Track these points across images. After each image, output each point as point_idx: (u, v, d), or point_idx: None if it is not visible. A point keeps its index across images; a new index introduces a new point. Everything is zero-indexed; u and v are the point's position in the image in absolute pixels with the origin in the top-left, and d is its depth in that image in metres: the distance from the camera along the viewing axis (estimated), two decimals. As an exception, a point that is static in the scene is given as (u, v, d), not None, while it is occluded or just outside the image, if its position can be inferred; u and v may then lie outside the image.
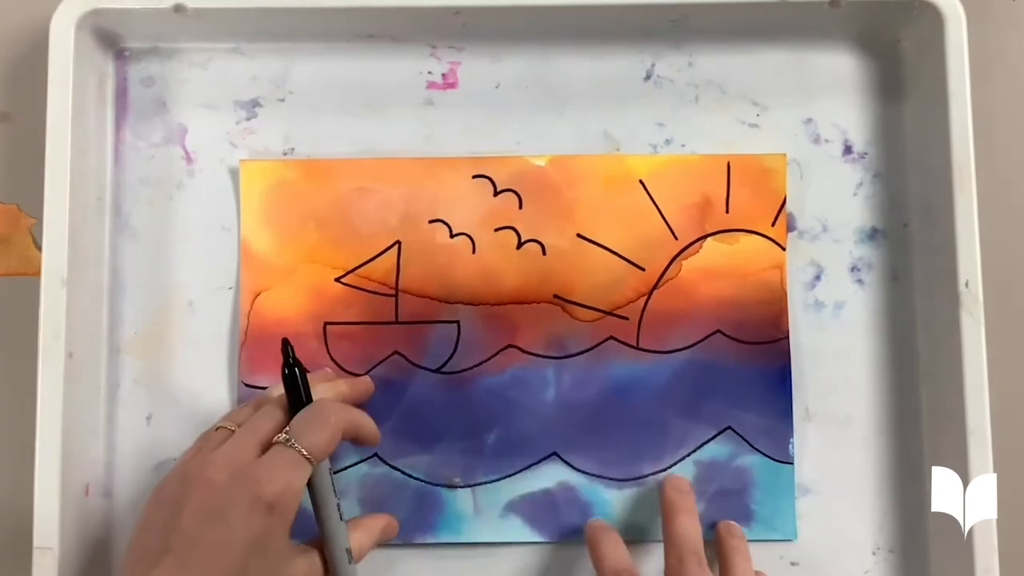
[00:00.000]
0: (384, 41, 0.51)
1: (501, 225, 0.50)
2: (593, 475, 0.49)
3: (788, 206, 0.50)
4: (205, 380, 0.49)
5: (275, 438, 0.42)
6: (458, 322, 0.49)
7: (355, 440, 0.46)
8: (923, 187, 0.50)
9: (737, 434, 0.49)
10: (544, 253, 0.50)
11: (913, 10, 0.49)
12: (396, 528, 0.48)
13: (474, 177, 0.50)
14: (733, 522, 0.49)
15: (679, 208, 0.50)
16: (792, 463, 0.49)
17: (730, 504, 0.49)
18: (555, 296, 0.50)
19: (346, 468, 0.49)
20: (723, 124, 0.51)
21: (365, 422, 0.46)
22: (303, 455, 0.41)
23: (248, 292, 0.49)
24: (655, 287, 0.50)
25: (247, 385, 0.49)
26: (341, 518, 0.44)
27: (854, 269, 0.51)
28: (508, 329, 0.50)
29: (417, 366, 0.49)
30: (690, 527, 0.46)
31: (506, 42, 0.51)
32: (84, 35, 0.48)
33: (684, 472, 0.49)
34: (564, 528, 0.49)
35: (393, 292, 0.50)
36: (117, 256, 0.50)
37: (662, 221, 0.50)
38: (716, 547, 0.48)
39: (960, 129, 0.47)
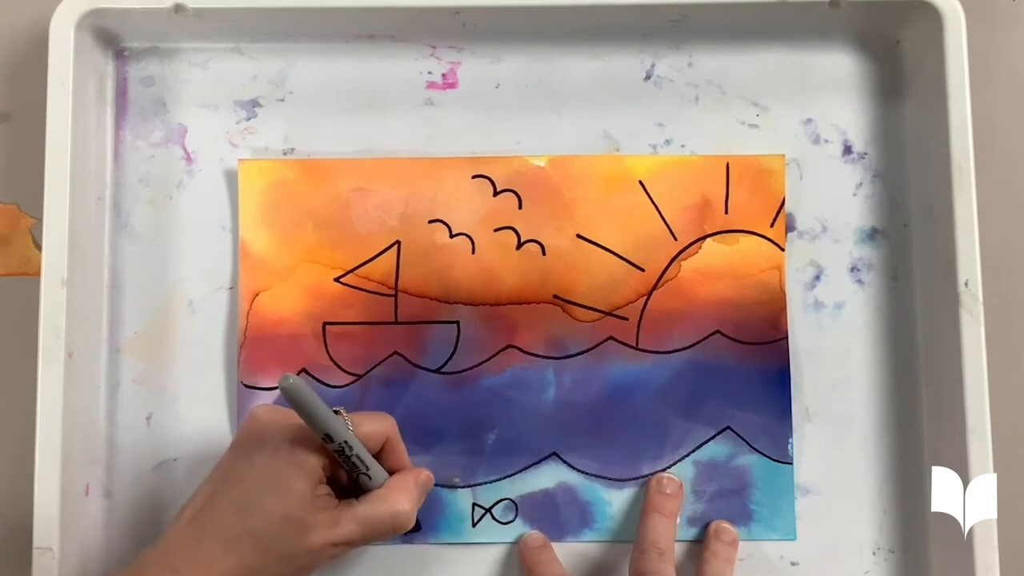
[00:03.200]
0: (384, 41, 0.51)
1: (501, 225, 0.50)
2: (593, 475, 0.49)
3: (788, 206, 0.50)
4: (205, 380, 0.49)
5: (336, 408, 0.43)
6: (458, 322, 0.49)
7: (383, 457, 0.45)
8: (923, 187, 0.50)
9: (736, 434, 0.49)
10: (544, 253, 0.50)
11: (913, 10, 0.49)
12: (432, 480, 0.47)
13: (474, 177, 0.50)
14: (726, 525, 0.49)
15: (678, 209, 0.50)
16: (791, 463, 0.49)
17: (729, 504, 0.49)
18: (555, 296, 0.50)
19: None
20: (723, 124, 0.51)
21: (402, 450, 0.46)
22: (347, 426, 0.42)
23: (247, 292, 0.49)
24: (655, 287, 0.50)
25: (246, 386, 0.49)
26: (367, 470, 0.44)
27: (854, 269, 0.51)
28: (508, 329, 0.50)
29: (417, 366, 0.49)
30: (660, 524, 0.47)
31: (506, 42, 0.51)
32: (84, 35, 0.48)
33: (683, 472, 0.49)
34: (564, 528, 0.49)
35: (392, 292, 0.50)
36: (117, 256, 0.50)
37: (661, 222, 0.50)
38: (702, 547, 0.48)
39: (960, 129, 0.47)
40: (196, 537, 0.41)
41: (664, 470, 0.49)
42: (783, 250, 0.50)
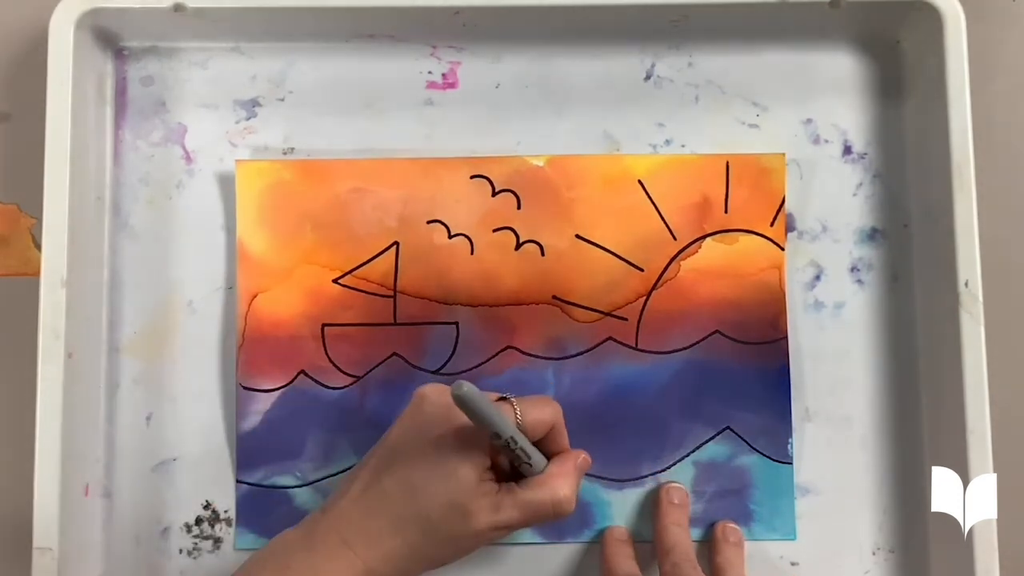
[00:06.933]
0: (384, 41, 0.51)
1: (499, 226, 0.50)
2: (593, 475, 0.49)
3: (788, 206, 0.50)
4: (204, 380, 0.49)
5: (504, 395, 0.44)
6: (457, 323, 0.49)
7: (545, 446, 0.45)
8: (923, 187, 0.50)
9: (736, 434, 0.49)
10: (543, 254, 0.50)
11: (913, 10, 0.49)
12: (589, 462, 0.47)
13: (472, 177, 0.50)
14: (732, 525, 0.49)
15: (678, 208, 0.50)
16: (791, 463, 0.49)
17: (729, 504, 0.49)
18: (554, 297, 0.50)
19: (349, 469, 0.49)
20: (723, 124, 0.51)
21: (562, 436, 0.46)
22: (516, 415, 0.43)
23: (245, 293, 0.49)
24: (654, 287, 0.50)
25: (244, 387, 0.49)
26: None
27: (854, 269, 0.51)
28: (507, 330, 0.49)
29: (416, 367, 0.49)
30: (681, 536, 0.47)
31: (506, 42, 0.51)
32: (83, 34, 0.48)
33: (683, 472, 0.49)
34: (564, 528, 0.49)
35: (391, 293, 0.50)
36: (117, 256, 0.50)
37: (661, 221, 0.50)
38: (711, 550, 0.48)
39: (960, 129, 0.47)
40: (366, 513, 0.42)
41: (664, 470, 0.49)
42: (783, 250, 0.50)
